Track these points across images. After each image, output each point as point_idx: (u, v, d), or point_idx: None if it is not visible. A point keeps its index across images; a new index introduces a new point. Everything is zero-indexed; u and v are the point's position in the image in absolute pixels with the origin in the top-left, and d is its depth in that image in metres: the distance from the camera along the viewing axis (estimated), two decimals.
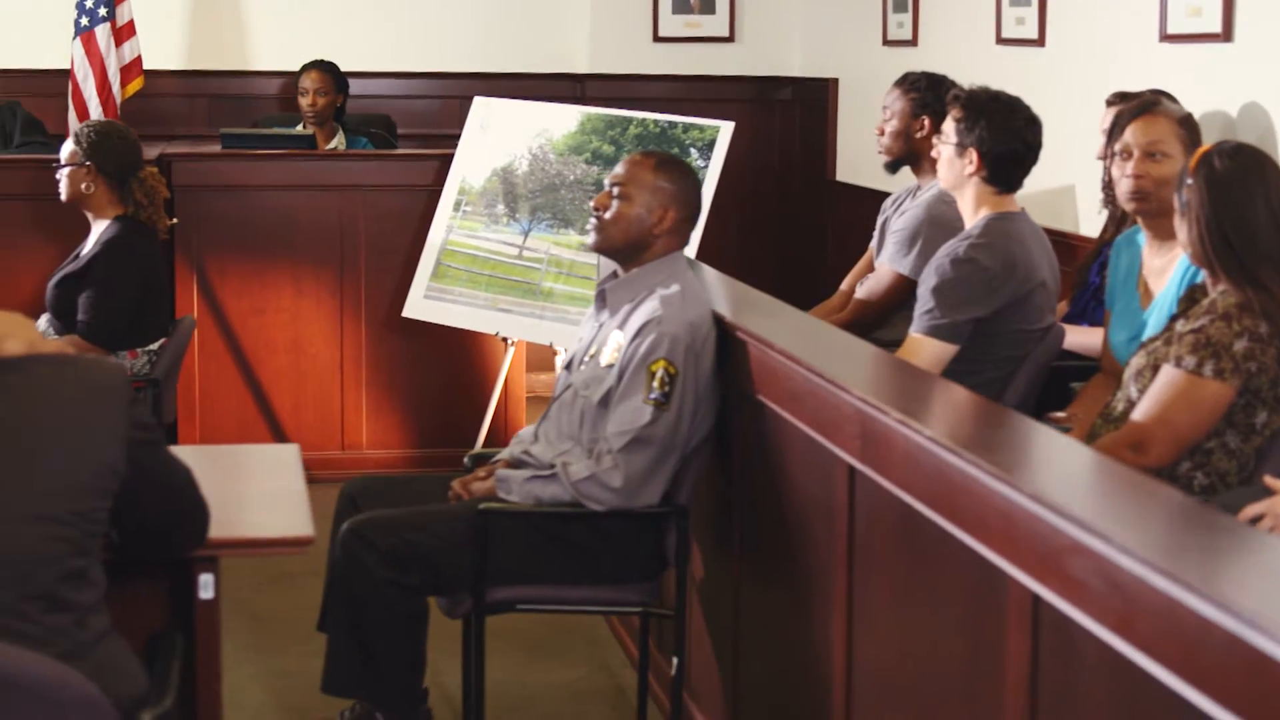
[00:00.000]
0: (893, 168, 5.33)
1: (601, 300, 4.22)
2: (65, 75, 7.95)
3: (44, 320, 5.58)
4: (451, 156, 6.90)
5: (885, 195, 7.40)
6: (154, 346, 5.54)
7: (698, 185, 4.19)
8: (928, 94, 5.21)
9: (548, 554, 4.03)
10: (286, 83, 8.49)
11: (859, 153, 8.06)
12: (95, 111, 7.77)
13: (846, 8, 8.13)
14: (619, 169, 4.17)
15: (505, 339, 6.55)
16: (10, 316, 2.87)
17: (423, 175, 6.97)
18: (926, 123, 5.20)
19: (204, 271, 6.80)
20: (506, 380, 6.85)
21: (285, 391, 6.89)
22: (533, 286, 6.39)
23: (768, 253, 8.41)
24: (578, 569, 4.06)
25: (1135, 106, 4.26)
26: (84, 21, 7.80)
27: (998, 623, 2.63)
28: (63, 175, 5.57)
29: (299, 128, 7.62)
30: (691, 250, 4.87)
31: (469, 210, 6.60)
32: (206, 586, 3.21)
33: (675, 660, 4.09)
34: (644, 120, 6.39)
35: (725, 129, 6.21)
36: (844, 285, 5.54)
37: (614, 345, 4.07)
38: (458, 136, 8.18)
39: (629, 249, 4.14)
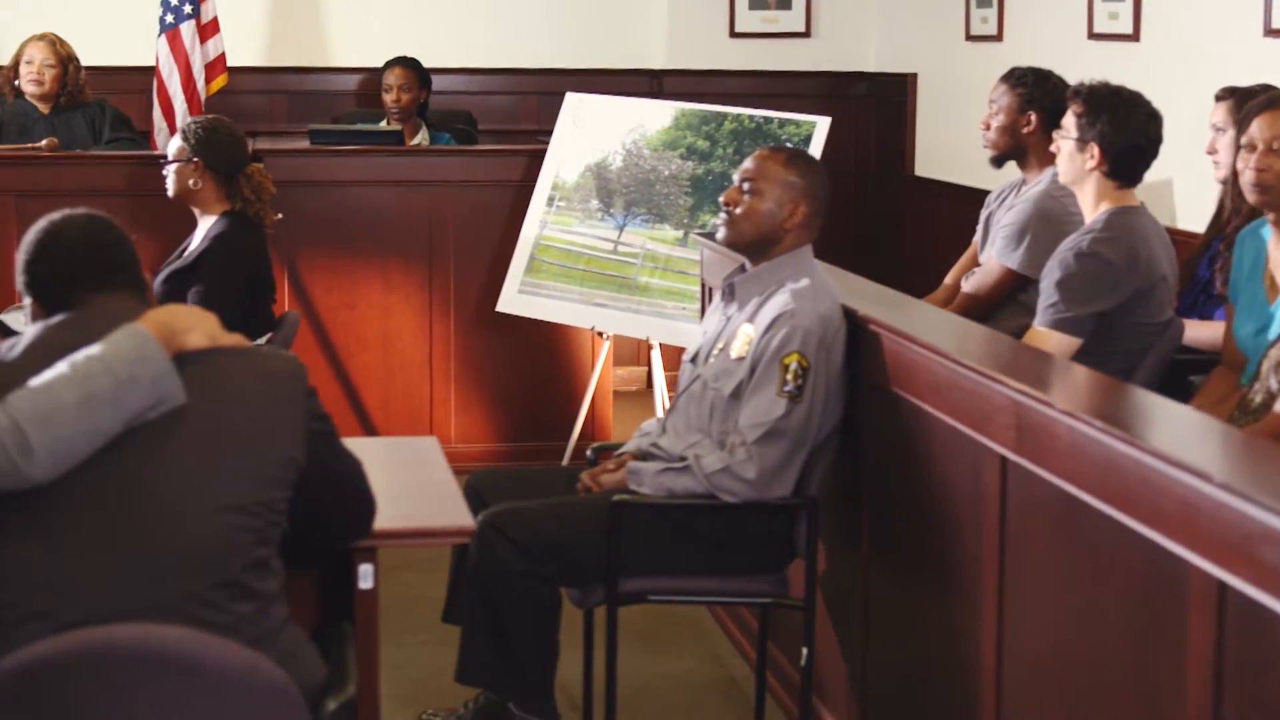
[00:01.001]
0: (998, 162, 5.34)
1: (729, 293, 4.25)
2: (149, 72, 8.00)
3: None
4: (540, 152, 6.94)
5: (966, 190, 7.47)
6: (261, 341, 5.58)
7: (826, 180, 4.22)
8: (1035, 89, 5.22)
9: (679, 545, 4.07)
10: (365, 79, 8.54)
11: (939, 148, 8.09)
12: (180, 108, 7.83)
13: (926, 3, 8.15)
14: (749, 164, 4.21)
15: (601, 333, 6.58)
16: (191, 310, 2.92)
17: (511, 171, 7.01)
18: (1033, 118, 5.21)
19: (294, 267, 6.85)
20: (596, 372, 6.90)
21: (375, 386, 6.94)
22: (628, 281, 6.43)
23: (845, 247, 8.42)
24: (708, 560, 4.09)
25: (1263, 101, 4.27)
26: (169, 19, 7.85)
27: (1177, 611, 2.65)
28: (170, 171, 5.61)
29: (383, 124, 7.66)
30: None
31: (562, 205, 6.64)
32: (366, 576, 3.25)
33: (805, 650, 4.12)
34: (739, 116, 6.42)
35: (821, 124, 6.24)
36: (948, 280, 5.56)
37: (744, 338, 4.10)
38: (535, 132, 8.26)
39: (759, 243, 4.17)
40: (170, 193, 5.61)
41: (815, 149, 6.14)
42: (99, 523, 2.72)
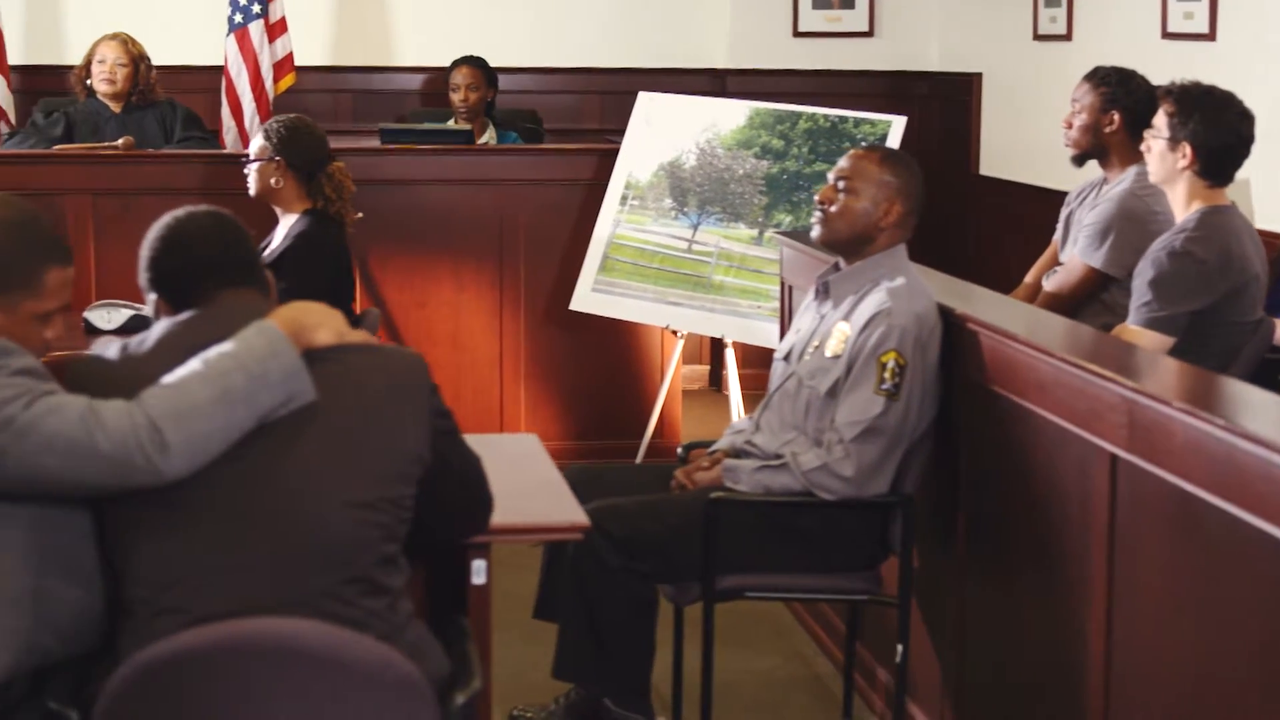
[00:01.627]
0: (1079, 161, 5.34)
1: (823, 292, 4.26)
2: (215, 71, 8.05)
3: None
4: (610, 151, 6.96)
5: (1033, 189, 7.47)
6: None
7: (920, 180, 4.23)
8: (1118, 89, 5.22)
9: (774, 543, 4.09)
10: (430, 78, 8.57)
11: (1005, 147, 8.08)
12: (249, 108, 7.87)
13: (991, 3, 8.14)
14: (844, 163, 4.22)
15: (675, 332, 6.60)
16: (318, 307, 2.94)
17: (581, 169, 7.03)
18: (1116, 117, 5.21)
19: (366, 265, 6.88)
20: (664, 373, 6.91)
21: (446, 383, 6.83)
22: (703, 280, 6.45)
23: (909, 246, 8.42)
24: (804, 557, 4.11)
25: None
26: (238, 18, 7.89)
27: None
28: (252, 170, 5.63)
29: (450, 123, 7.69)
30: None
31: (636, 204, 6.66)
32: (479, 572, 3.27)
33: (900, 648, 4.14)
34: (813, 115, 6.44)
35: (897, 123, 6.25)
36: (1029, 278, 5.56)
37: (839, 336, 4.11)
38: (598, 131, 8.28)
39: (854, 242, 4.19)
40: (252, 191, 5.64)
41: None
42: (232, 519, 2.74)
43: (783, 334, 5.47)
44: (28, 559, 2.77)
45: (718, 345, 8.35)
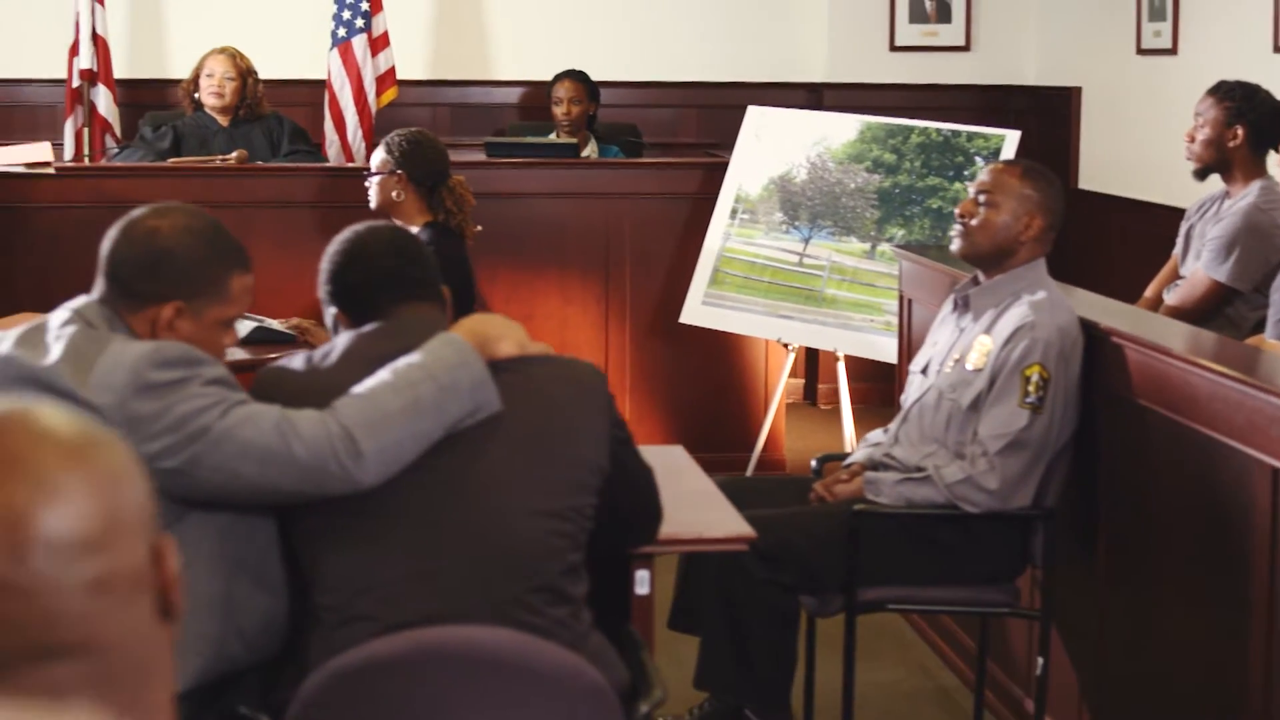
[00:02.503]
0: (1201, 175, 5.34)
1: (962, 305, 4.28)
2: (317, 85, 8.11)
3: None
4: (716, 165, 6.99)
5: (1136, 203, 7.46)
6: None
7: (1061, 194, 4.25)
8: (1243, 103, 5.22)
9: (916, 555, 4.11)
10: (527, 91, 8.63)
11: (1107, 161, 8.07)
12: (351, 121, 7.94)
13: (1092, 17, 8.14)
14: (985, 177, 4.24)
15: (786, 345, 6.62)
16: (499, 318, 2.99)
17: (687, 183, 7.07)
18: (1240, 131, 5.21)
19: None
20: (768, 386, 6.94)
21: None
22: (814, 293, 6.47)
23: None
24: (944, 570, 4.13)
25: None
26: (341, 33, 7.96)
27: None
28: (373, 183, 5.67)
29: (551, 136, 7.74)
30: None
31: (746, 218, 6.68)
32: (643, 582, 3.30)
33: (1040, 661, 4.14)
34: (926, 129, 6.45)
35: (1011, 137, 6.26)
36: (1148, 292, 5.56)
37: (981, 350, 4.13)
38: (696, 145, 8.32)
39: (994, 255, 4.20)
40: (373, 204, 5.68)
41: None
42: (422, 528, 2.78)
43: (901, 348, 5.50)
44: (219, 566, 2.82)
45: (812, 359, 8.39)
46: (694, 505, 3.48)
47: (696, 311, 6.67)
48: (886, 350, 6.12)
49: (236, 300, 2.97)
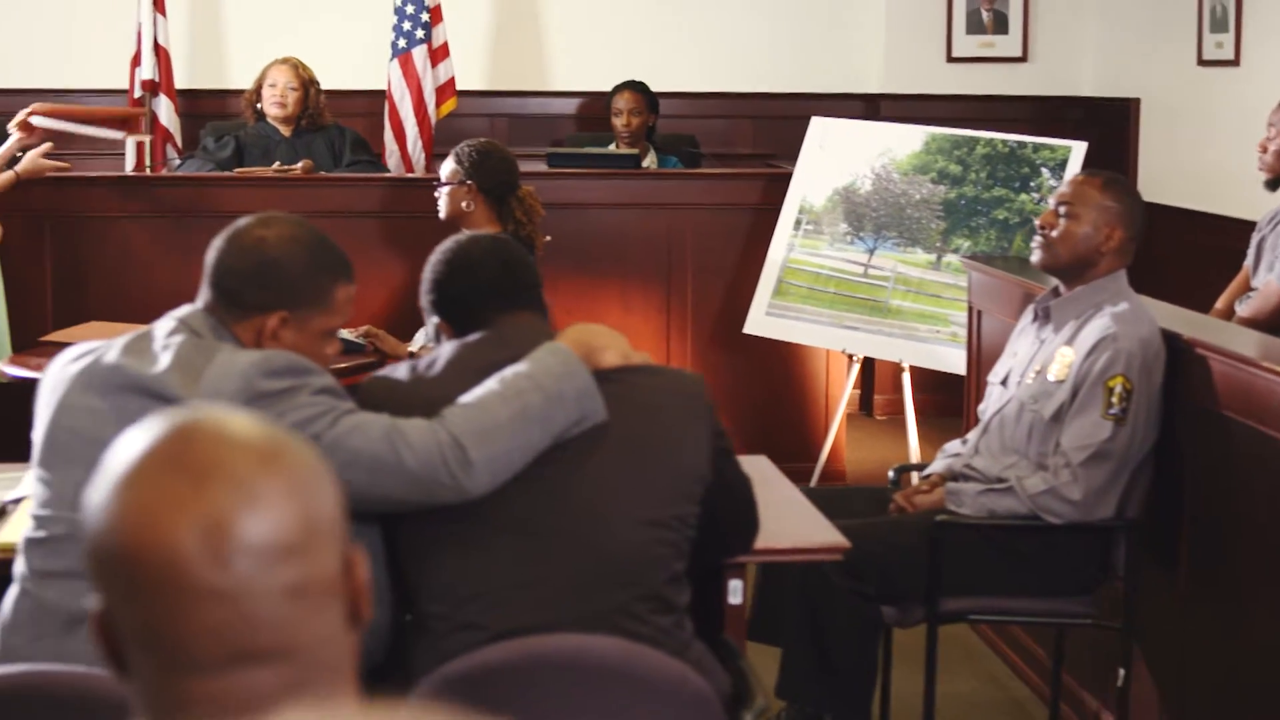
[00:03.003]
0: (1273, 185, 5.34)
1: (1043, 316, 4.28)
2: (377, 95, 8.15)
3: (422, 334, 5.73)
4: (778, 175, 7.00)
5: (1196, 214, 7.45)
6: None
7: (1142, 205, 4.25)
8: None
9: (997, 566, 4.12)
10: (584, 102, 8.65)
11: (1167, 172, 8.06)
12: (411, 132, 7.97)
13: (1152, 28, 8.13)
14: (1065, 188, 4.25)
15: (851, 356, 6.63)
16: (603, 329, 3.01)
17: (749, 194, 7.08)
18: None
19: None
20: (829, 397, 6.94)
21: None
22: (879, 304, 6.47)
23: None
24: (1025, 581, 4.13)
25: None
26: (401, 43, 7.99)
27: None
28: (443, 193, 5.70)
29: (611, 147, 7.76)
30: None
31: (810, 229, 6.69)
32: (735, 592, 3.32)
33: (1121, 672, 4.14)
34: (991, 140, 6.46)
35: (1078, 149, 6.26)
36: (1219, 304, 5.56)
37: (1063, 361, 4.13)
38: (752, 156, 8.33)
39: (1075, 267, 4.21)
40: (443, 214, 5.70)
41: (1071, 173, 6.16)
42: (529, 536, 2.80)
43: (970, 359, 5.50)
44: None
45: (868, 370, 8.38)
46: (785, 515, 3.49)
47: (760, 322, 6.68)
48: (953, 361, 6.13)
49: (340, 310, 2.99)
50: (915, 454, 6.45)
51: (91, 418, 2.83)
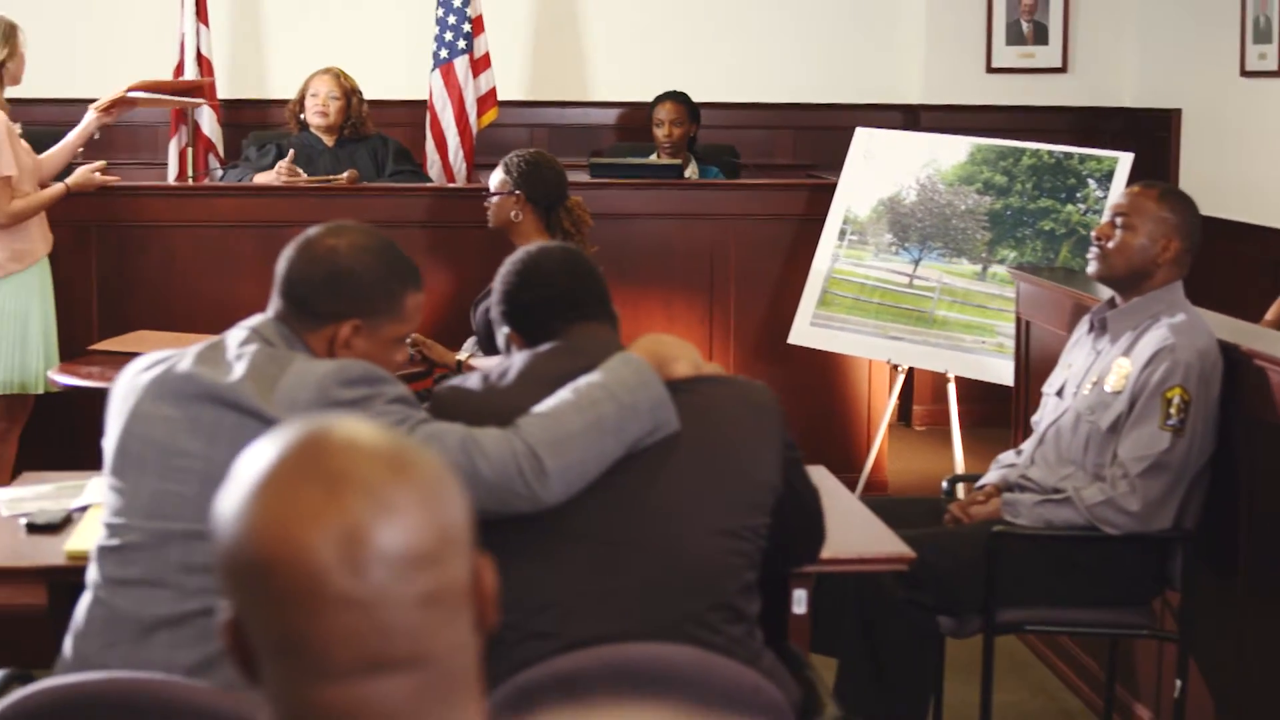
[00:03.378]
0: None
1: (1099, 327, 4.28)
2: (417, 106, 8.17)
3: (470, 343, 5.75)
4: (822, 186, 7.01)
5: (1237, 225, 7.44)
6: None
7: (1199, 217, 4.25)
8: None
9: (1054, 576, 4.12)
10: (624, 113, 8.67)
11: (1208, 183, 8.03)
12: (453, 142, 7.99)
13: (1193, 39, 8.13)
14: (1122, 199, 4.25)
15: (896, 366, 6.63)
16: (675, 339, 3.02)
17: (792, 205, 7.08)
18: None
19: None
20: (871, 407, 6.95)
21: None
22: (925, 315, 6.47)
23: None
24: (1082, 592, 4.13)
25: None
26: (443, 54, 8.02)
27: None
28: (491, 203, 5.71)
29: (652, 157, 7.77)
30: None
31: (855, 239, 6.70)
32: (800, 601, 3.33)
33: (1179, 683, 4.14)
34: (1037, 151, 6.46)
35: (1124, 160, 6.26)
36: (1270, 315, 5.56)
37: (1120, 372, 4.13)
38: (791, 166, 8.34)
39: (1131, 278, 4.21)
40: (491, 224, 5.71)
41: (1118, 185, 6.16)
42: (602, 546, 2.81)
43: (1019, 369, 5.50)
44: None
45: (907, 380, 8.38)
46: (848, 525, 3.50)
47: (805, 332, 6.69)
48: (999, 372, 6.13)
49: (410, 318, 3.01)
50: (961, 464, 6.45)
51: (165, 426, 2.84)
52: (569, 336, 3.01)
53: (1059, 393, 4.36)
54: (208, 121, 8.13)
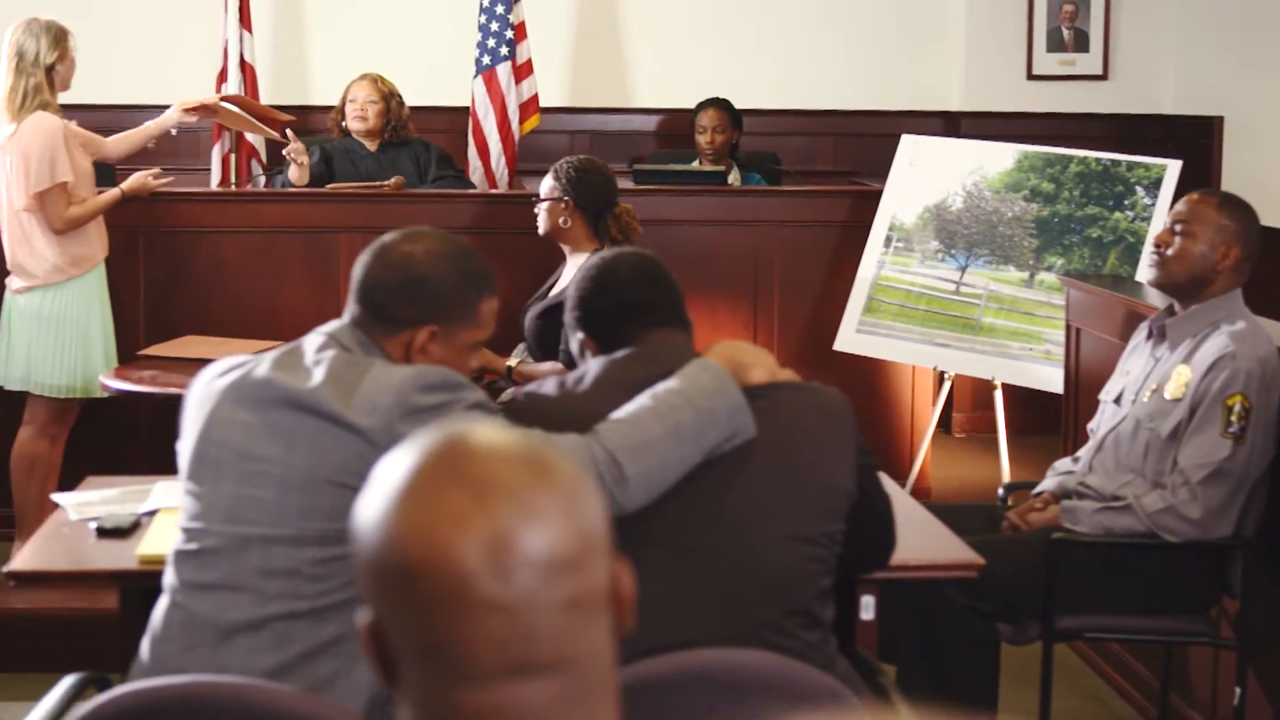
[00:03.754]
0: None
1: (1158, 335, 4.29)
2: (460, 112, 8.19)
3: (520, 349, 5.76)
4: (867, 193, 7.01)
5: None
6: None
7: (1258, 224, 4.25)
8: None
9: (1113, 584, 4.12)
10: (665, 119, 8.68)
11: (1252, 190, 7.96)
12: (495, 148, 8.00)
13: (1235, 46, 8.12)
14: (1181, 207, 4.26)
15: (942, 373, 6.63)
16: (750, 346, 3.03)
17: (836, 211, 7.08)
18: None
19: None
20: (915, 414, 6.95)
21: None
22: (971, 322, 6.47)
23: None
24: (1141, 599, 4.13)
25: None
26: (486, 60, 8.04)
27: None
28: (541, 209, 5.72)
29: (694, 164, 7.78)
30: None
31: (901, 246, 6.70)
32: (868, 608, 3.35)
33: (1238, 691, 4.14)
34: (1085, 158, 6.45)
35: (1173, 167, 6.26)
36: None
37: (1180, 380, 4.13)
38: (833, 173, 8.34)
39: (1190, 285, 4.21)
40: (541, 230, 5.73)
41: (1166, 193, 6.16)
42: (679, 551, 2.82)
43: (1068, 376, 5.50)
44: None
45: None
46: (915, 531, 3.50)
47: (851, 339, 6.69)
48: (1046, 379, 6.13)
49: (485, 323, 3.02)
50: (1006, 472, 6.45)
51: (243, 431, 2.86)
52: (644, 343, 3.02)
53: (1117, 400, 4.36)
54: None
